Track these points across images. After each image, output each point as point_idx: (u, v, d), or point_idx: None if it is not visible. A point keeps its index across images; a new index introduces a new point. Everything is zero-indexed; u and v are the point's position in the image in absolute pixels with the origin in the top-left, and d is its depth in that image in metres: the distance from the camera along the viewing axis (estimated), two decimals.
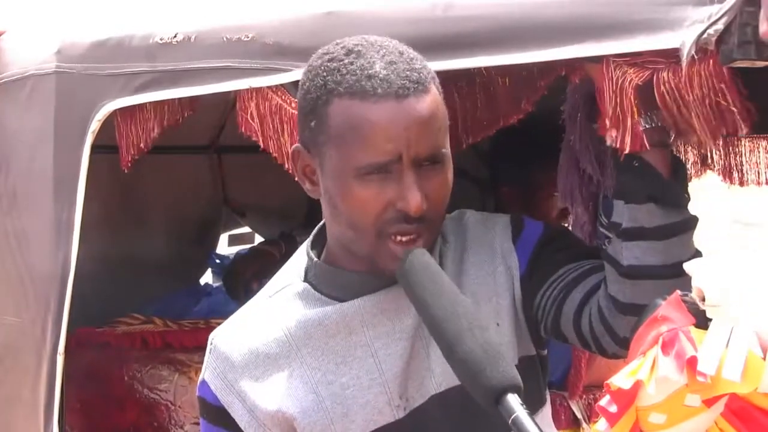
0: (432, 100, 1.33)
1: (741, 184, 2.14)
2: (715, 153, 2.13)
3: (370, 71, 1.30)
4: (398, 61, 1.32)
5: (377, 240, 1.34)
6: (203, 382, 1.47)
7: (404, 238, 1.33)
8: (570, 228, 1.85)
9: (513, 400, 1.11)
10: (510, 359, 1.15)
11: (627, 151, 1.35)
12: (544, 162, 2.21)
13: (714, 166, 2.15)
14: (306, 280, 1.45)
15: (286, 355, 1.42)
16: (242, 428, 1.43)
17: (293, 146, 1.41)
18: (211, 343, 1.47)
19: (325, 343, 1.41)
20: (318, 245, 1.48)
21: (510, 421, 1.09)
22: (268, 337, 1.43)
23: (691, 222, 1.39)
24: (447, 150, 1.35)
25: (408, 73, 1.31)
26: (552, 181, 1.83)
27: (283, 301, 1.45)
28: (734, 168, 2.13)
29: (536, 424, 1.09)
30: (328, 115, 1.32)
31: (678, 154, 1.90)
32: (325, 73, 1.33)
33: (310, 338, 1.41)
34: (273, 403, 1.41)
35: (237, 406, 1.43)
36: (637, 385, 1.13)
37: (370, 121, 1.30)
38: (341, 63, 1.33)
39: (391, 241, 1.33)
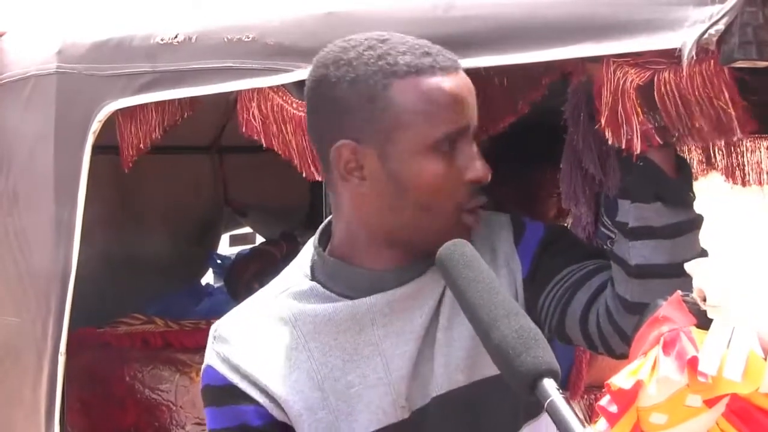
0: None
1: (743, 184, 2.14)
2: (717, 153, 2.13)
3: (422, 50, 1.35)
4: (430, 43, 1.38)
5: (453, 216, 1.37)
6: (207, 368, 1.43)
7: (476, 207, 1.38)
8: (569, 228, 1.84)
9: (549, 384, 1.09)
10: (547, 344, 1.14)
11: (637, 152, 1.35)
12: (544, 163, 2.20)
13: (717, 165, 2.15)
14: (313, 279, 1.44)
15: (294, 347, 1.40)
16: (255, 399, 1.39)
17: (338, 143, 1.37)
18: (214, 333, 1.45)
19: (333, 339, 1.40)
20: (324, 242, 1.47)
21: (545, 406, 1.07)
22: (275, 331, 1.42)
23: (698, 220, 1.39)
24: None
25: (447, 51, 1.37)
26: (552, 181, 1.83)
27: (290, 299, 1.43)
28: (736, 168, 2.13)
29: (572, 407, 1.07)
30: (392, 97, 1.33)
31: (682, 154, 1.90)
32: (373, 60, 1.34)
33: (318, 333, 1.40)
34: (280, 391, 1.39)
35: (245, 383, 1.40)
36: (638, 385, 1.13)
37: (443, 91, 1.33)
38: (384, 50, 1.34)
39: (465, 213, 1.38)
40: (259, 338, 1.42)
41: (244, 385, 1.40)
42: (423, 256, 1.37)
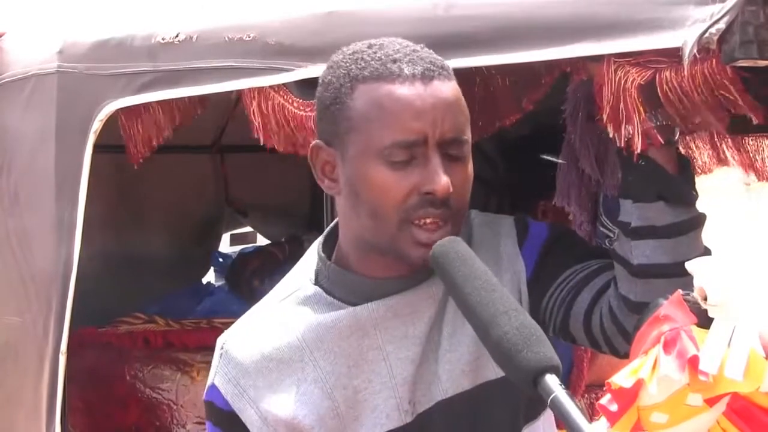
0: (456, 87, 1.33)
1: (760, 178, 2.13)
2: (727, 150, 2.12)
3: (394, 56, 1.31)
4: (420, 50, 1.34)
5: (399, 227, 1.31)
6: (213, 386, 1.43)
7: (429, 220, 1.31)
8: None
9: (551, 380, 1.08)
10: (548, 340, 1.13)
11: (638, 151, 1.35)
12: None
13: (726, 160, 2.14)
14: (317, 283, 1.43)
15: (300, 359, 1.40)
16: None
17: (312, 143, 1.38)
18: (222, 348, 1.44)
19: (338, 346, 1.39)
20: (329, 247, 1.46)
21: (548, 402, 1.07)
22: (281, 342, 1.41)
23: (700, 219, 1.38)
24: (469, 139, 1.34)
25: (432, 59, 1.33)
26: None
27: (294, 305, 1.43)
28: (748, 167, 2.12)
29: (576, 403, 1.06)
30: (353, 100, 1.31)
31: (684, 152, 1.89)
32: (347, 64, 1.33)
33: (322, 342, 1.39)
34: (288, 409, 1.39)
35: (249, 412, 1.40)
36: (639, 384, 1.13)
37: (397, 99, 1.29)
38: (364, 53, 1.33)
39: (414, 226, 1.31)
40: (267, 354, 1.41)
41: (246, 417, 1.40)
42: (407, 265, 1.35)
